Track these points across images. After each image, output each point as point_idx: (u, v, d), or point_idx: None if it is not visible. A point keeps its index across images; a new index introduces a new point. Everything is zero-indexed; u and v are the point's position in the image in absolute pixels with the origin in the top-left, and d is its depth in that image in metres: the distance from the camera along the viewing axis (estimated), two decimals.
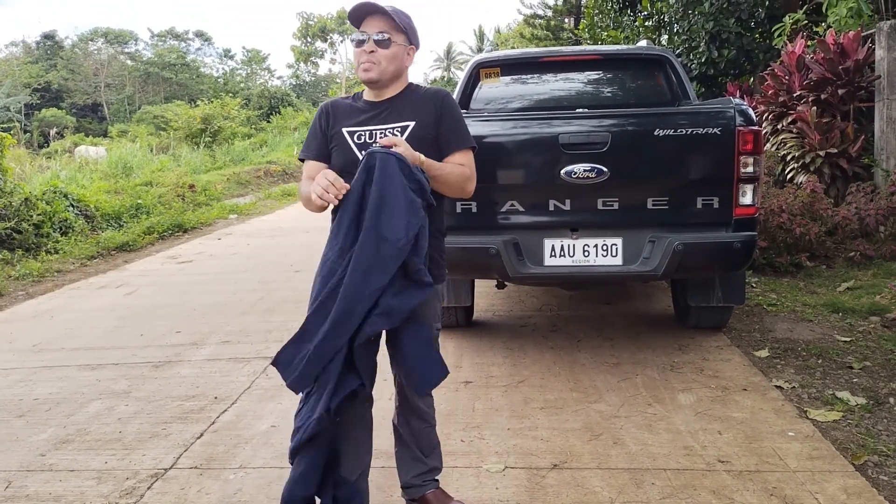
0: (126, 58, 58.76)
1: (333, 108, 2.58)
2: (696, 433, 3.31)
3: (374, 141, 2.40)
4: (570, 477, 2.94)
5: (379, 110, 2.50)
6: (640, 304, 5.78)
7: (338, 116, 2.54)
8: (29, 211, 9.09)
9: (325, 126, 2.55)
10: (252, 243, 9.83)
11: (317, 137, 2.56)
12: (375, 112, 2.50)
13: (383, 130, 2.45)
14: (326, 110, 2.58)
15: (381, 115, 2.49)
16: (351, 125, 2.50)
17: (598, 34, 14.61)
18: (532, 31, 25.99)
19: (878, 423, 3.38)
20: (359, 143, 2.45)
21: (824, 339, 4.60)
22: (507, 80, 5.29)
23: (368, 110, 2.52)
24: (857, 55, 7.39)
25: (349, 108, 2.56)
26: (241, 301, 6.30)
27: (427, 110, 2.48)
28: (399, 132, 2.43)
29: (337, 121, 2.53)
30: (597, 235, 4.11)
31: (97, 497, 2.92)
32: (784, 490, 2.78)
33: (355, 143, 2.46)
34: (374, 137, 2.43)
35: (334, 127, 2.52)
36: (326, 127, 2.55)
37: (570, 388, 3.94)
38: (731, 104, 4.00)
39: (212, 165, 20.23)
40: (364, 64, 2.44)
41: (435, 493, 2.66)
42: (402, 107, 2.50)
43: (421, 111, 2.48)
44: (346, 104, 2.58)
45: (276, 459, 3.19)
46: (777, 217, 6.28)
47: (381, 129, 2.45)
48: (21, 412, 3.90)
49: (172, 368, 4.55)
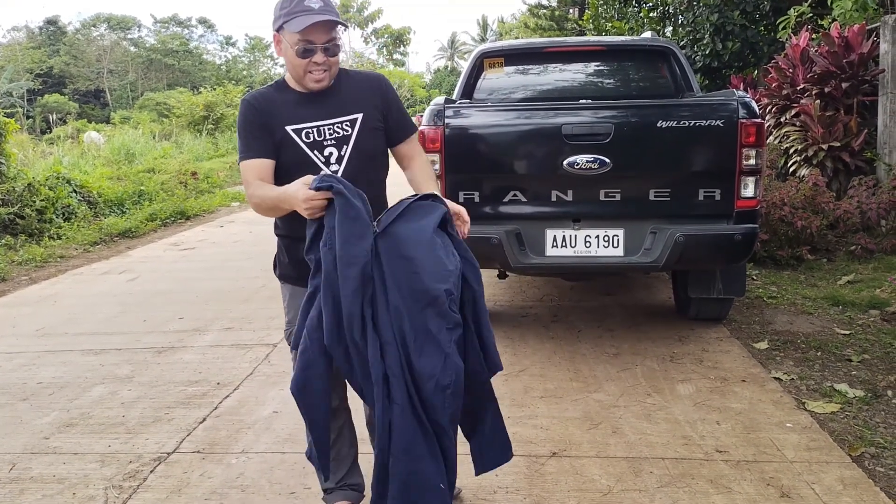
0: (129, 44, 58.67)
1: (263, 102, 2.33)
2: (695, 423, 3.33)
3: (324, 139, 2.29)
4: (569, 465, 2.97)
5: (319, 103, 2.33)
6: (640, 295, 5.80)
7: (273, 112, 2.31)
8: (32, 196, 9.10)
9: (261, 122, 2.30)
10: (254, 231, 9.84)
11: (255, 135, 2.30)
12: (315, 105, 2.33)
13: (331, 125, 2.32)
14: (254, 105, 2.33)
15: (325, 109, 2.33)
16: (294, 122, 2.31)
17: (602, 25, 14.56)
18: (536, 22, 25.90)
19: (875, 415, 3.40)
20: (308, 142, 2.30)
21: (824, 331, 4.62)
22: (510, 70, 5.29)
23: (306, 103, 2.33)
24: (862, 49, 7.38)
25: (281, 101, 2.34)
26: (244, 288, 6.32)
27: (371, 100, 2.39)
28: (349, 126, 2.33)
29: (273, 117, 2.30)
30: (599, 226, 4.13)
31: (100, 480, 2.95)
32: (781, 480, 2.80)
33: (304, 141, 2.30)
34: (324, 135, 2.31)
35: (274, 123, 2.30)
36: (263, 123, 2.30)
37: (570, 377, 3.96)
38: (734, 96, 4.01)
39: (214, 153, 20.26)
40: (316, 74, 2.26)
41: None
42: (343, 97, 2.36)
43: (365, 101, 2.38)
44: (274, 97, 2.35)
45: (277, 444, 3.22)
46: (779, 210, 6.28)
47: (330, 125, 2.32)
48: (25, 396, 3.93)
49: (175, 354, 4.58)
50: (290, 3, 2.23)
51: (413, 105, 44.56)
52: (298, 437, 3.19)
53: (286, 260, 2.48)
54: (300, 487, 2.84)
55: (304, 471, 2.91)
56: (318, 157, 2.31)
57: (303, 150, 2.30)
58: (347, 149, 2.34)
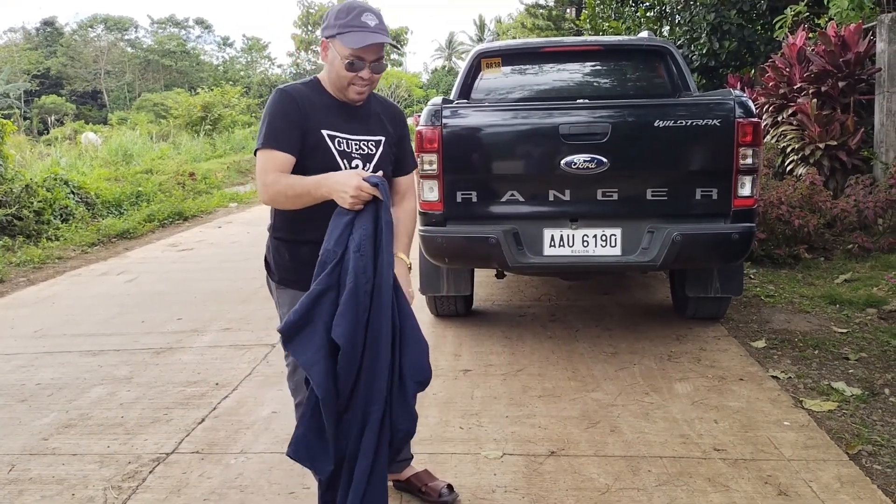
0: (126, 45, 58.68)
1: (302, 98, 2.30)
2: (693, 422, 3.34)
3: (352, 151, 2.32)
4: (568, 464, 2.98)
5: (352, 116, 2.35)
6: (638, 294, 5.81)
7: (311, 113, 2.29)
8: (30, 198, 9.10)
9: (297, 118, 2.26)
10: (252, 232, 9.84)
11: (290, 128, 2.25)
12: (349, 117, 2.35)
13: (359, 141, 2.34)
14: (296, 100, 2.29)
15: (356, 124, 2.35)
16: (330, 128, 2.31)
17: (599, 25, 14.57)
18: (533, 21, 25.89)
19: (872, 413, 3.41)
20: (340, 150, 2.31)
21: (821, 330, 4.64)
22: (508, 70, 5.30)
23: (340, 112, 2.34)
24: (858, 47, 7.40)
25: (320, 104, 2.32)
26: (242, 289, 6.33)
27: (391, 128, 2.45)
28: (374, 146, 2.37)
29: (311, 117, 2.28)
30: (596, 226, 4.14)
31: (100, 480, 2.95)
32: (779, 478, 2.81)
33: (336, 149, 2.30)
34: (352, 147, 2.32)
35: (310, 124, 2.28)
36: (299, 120, 2.26)
37: (568, 376, 3.97)
38: (730, 96, 4.02)
39: (212, 154, 20.26)
40: (359, 87, 2.28)
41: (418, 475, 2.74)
42: (371, 117, 2.40)
43: (387, 127, 2.44)
44: (314, 98, 2.33)
45: (276, 445, 3.22)
46: (776, 209, 6.30)
47: (358, 140, 2.34)
48: (24, 397, 3.94)
49: (174, 355, 4.58)
50: (348, 15, 2.22)
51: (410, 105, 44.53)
52: None
53: (288, 263, 2.43)
54: (299, 487, 2.84)
55: (302, 471, 2.91)
56: (346, 165, 2.31)
57: (333, 156, 2.29)
58: (370, 166, 2.35)
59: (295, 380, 2.50)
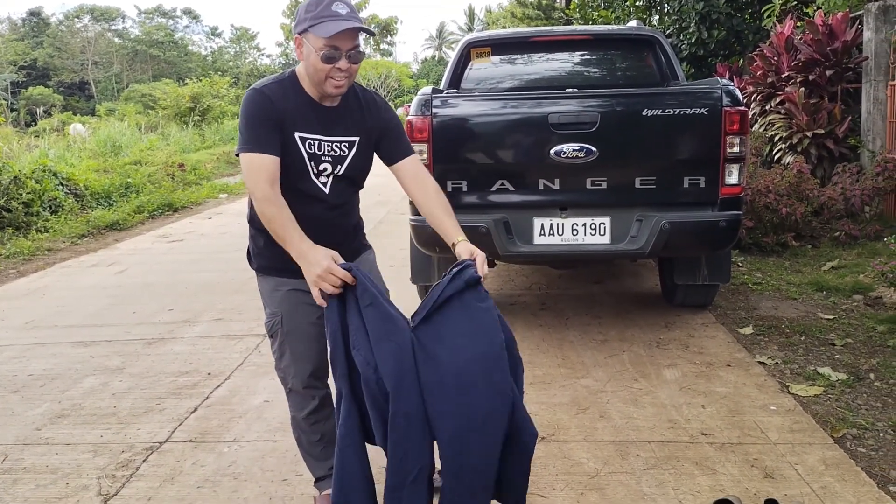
0: (113, 35, 58.29)
1: (277, 98, 2.23)
2: (681, 407, 3.39)
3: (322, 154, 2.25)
4: (558, 449, 3.02)
5: (326, 117, 2.30)
6: (627, 282, 5.85)
7: (287, 113, 2.23)
8: (18, 189, 9.06)
9: (275, 119, 2.20)
10: (242, 222, 9.72)
11: (267, 129, 2.19)
12: (322, 118, 2.29)
13: (331, 143, 2.29)
14: (272, 100, 2.22)
15: (330, 126, 2.30)
16: (302, 129, 2.25)
17: (588, 14, 14.56)
18: (523, 11, 25.88)
19: (857, 397, 3.47)
20: (310, 153, 2.26)
21: (808, 316, 4.69)
22: (497, 59, 5.31)
23: (315, 111, 2.29)
24: (846, 36, 7.45)
25: (294, 103, 2.26)
26: (233, 280, 6.33)
27: (371, 121, 2.38)
28: (346, 148, 2.32)
29: (286, 118, 2.22)
30: (585, 214, 4.17)
31: (93, 469, 2.97)
32: (765, 461, 2.86)
33: (307, 151, 2.26)
34: (323, 150, 2.27)
35: (285, 125, 2.22)
36: (277, 120, 2.21)
37: (559, 363, 4.01)
38: (717, 85, 4.05)
39: (201, 144, 20.17)
40: (336, 81, 2.21)
41: None
42: (346, 115, 2.34)
43: (366, 122, 2.37)
44: (289, 96, 2.26)
45: (269, 433, 3.25)
46: (764, 197, 6.35)
47: (330, 142, 2.28)
48: (16, 388, 3.94)
49: (165, 345, 4.59)
50: (317, 7, 2.18)
51: (401, 95, 44.43)
52: (289, 426, 3.21)
53: (264, 251, 2.40)
54: (292, 474, 2.87)
55: (295, 458, 2.94)
56: (314, 168, 2.28)
57: (303, 159, 2.25)
58: (341, 168, 2.32)
59: (283, 367, 2.50)
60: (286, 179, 2.20)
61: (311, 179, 2.28)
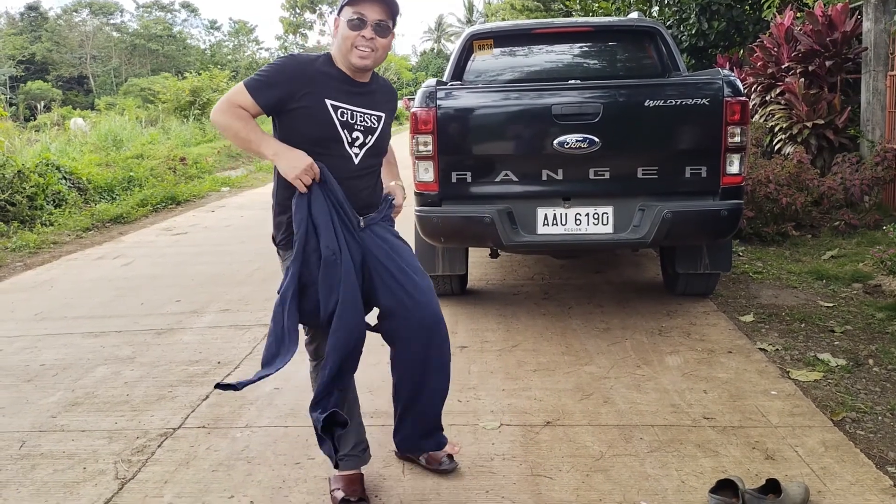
0: (111, 29, 58.16)
1: (310, 67, 2.39)
2: (683, 392, 3.45)
3: (355, 123, 2.44)
4: (563, 433, 3.08)
5: (359, 91, 2.46)
6: (629, 271, 5.91)
7: (316, 81, 2.37)
8: (22, 183, 9.10)
9: (294, 86, 2.35)
10: (245, 215, 9.89)
11: (279, 89, 2.35)
12: (356, 92, 2.45)
13: (363, 114, 2.46)
14: (301, 65, 2.39)
15: (362, 98, 2.46)
16: (334, 98, 2.39)
17: (589, 6, 14.58)
18: (523, 3, 25.81)
19: (856, 382, 3.53)
20: (342, 121, 2.41)
21: (808, 304, 4.76)
22: (499, 51, 5.36)
23: (348, 86, 2.44)
24: (845, 27, 7.49)
25: (326, 75, 2.41)
26: (238, 271, 6.39)
27: (390, 105, 2.60)
28: (376, 121, 2.51)
29: (315, 86, 2.37)
30: (588, 204, 4.23)
31: (109, 455, 3.03)
32: (766, 444, 2.93)
33: (339, 119, 2.40)
34: (356, 119, 2.44)
35: (311, 92, 2.36)
36: (296, 87, 2.35)
37: (562, 351, 4.08)
38: (719, 75, 4.10)
39: (202, 138, 20.15)
40: (362, 50, 2.35)
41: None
42: (375, 94, 2.53)
43: (387, 104, 2.58)
44: (321, 69, 2.41)
45: (280, 419, 3.31)
46: (764, 187, 6.40)
47: (362, 113, 2.45)
48: (29, 377, 4.01)
49: (175, 335, 4.65)
50: None
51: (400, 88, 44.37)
52: (300, 411, 3.29)
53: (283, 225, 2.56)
54: (304, 458, 2.94)
55: (307, 443, 3.01)
56: (347, 136, 2.43)
57: (335, 126, 2.40)
58: (371, 139, 2.50)
59: (314, 346, 2.67)
60: (320, 148, 2.37)
61: (344, 148, 2.43)
